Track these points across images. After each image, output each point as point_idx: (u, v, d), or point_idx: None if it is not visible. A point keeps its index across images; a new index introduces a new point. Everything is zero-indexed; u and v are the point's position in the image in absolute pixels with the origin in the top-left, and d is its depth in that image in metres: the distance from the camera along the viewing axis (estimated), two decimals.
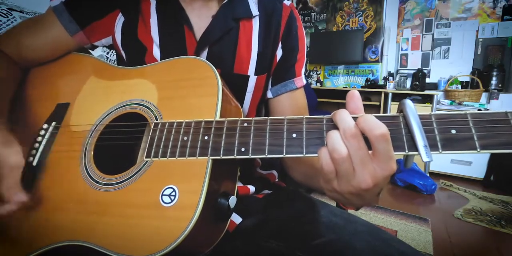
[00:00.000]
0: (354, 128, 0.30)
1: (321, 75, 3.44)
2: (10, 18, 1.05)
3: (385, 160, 0.29)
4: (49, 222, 0.44)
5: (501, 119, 0.28)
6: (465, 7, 2.70)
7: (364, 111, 0.32)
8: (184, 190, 0.38)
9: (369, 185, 0.30)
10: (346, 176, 0.31)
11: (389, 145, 0.29)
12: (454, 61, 2.79)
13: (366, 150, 0.30)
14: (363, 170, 0.30)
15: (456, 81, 2.67)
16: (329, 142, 0.31)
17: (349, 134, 0.30)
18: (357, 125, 0.30)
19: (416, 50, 2.96)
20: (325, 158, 0.31)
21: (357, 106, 0.32)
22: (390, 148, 0.29)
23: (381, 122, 0.29)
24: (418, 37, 2.95)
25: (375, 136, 0.28)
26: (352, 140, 0.30)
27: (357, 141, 0.30)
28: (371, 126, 0.29)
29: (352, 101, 0.32)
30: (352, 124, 0.30)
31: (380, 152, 0.29)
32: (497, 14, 2.57)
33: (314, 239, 0.46)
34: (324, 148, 0.31)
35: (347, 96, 0.33)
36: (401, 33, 3.03)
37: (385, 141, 0.29)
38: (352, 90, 0.33)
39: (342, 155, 0.30)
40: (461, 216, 1.79)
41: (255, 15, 0.58)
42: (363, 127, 0.29)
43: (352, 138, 0.29)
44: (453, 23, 2.77)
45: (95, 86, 0.55)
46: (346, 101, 0.33)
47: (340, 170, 0.31)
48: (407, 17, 2.98)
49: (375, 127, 0.28)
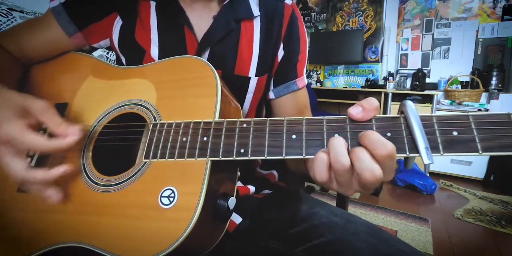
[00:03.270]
0: (391, 150, 0.28)
1: (321, 75, 3.44)
2: (10, 18, 1.05)
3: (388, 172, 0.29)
4: (48, 223, 0.44)
5: (504, 120, 0.28)
6: (465, 7, 2.70)
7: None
8: (183, 192, 0.38)
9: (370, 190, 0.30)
10: (346, 184, 0.31)
11: (394, 161, 0.29)
12: (454, 61, 2.79)
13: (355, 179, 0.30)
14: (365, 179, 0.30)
15: (456, 81, 2.67)
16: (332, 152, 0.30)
17: (383, 155, 0.28)
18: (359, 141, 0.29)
19: (416, 50, 2.96)
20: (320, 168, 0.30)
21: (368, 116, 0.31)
22: (395, 162, 0.29)
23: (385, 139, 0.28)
24: (418, 37, 2.95)
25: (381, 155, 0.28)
26: (385, 160, 0.28)
27: (347, 175, 0.29)
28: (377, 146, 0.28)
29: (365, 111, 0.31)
30: (390, 147, 0.28)
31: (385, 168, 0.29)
32: (497, 14, 2.57)
33: (314, 239, 0.46)
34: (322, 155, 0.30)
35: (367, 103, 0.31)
36: (401, 33, 3.03)
37: (391, 160, 0.28)
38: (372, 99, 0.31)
39: (345, 167, 0.29)
40: (461, 216, 1.79)
41: (256, 16, 0.58)
42: (367, 145, 0.29)
43: (385, 158, 0.28)
44: (453, 23, 2.77)
45: (93, 86, 0.54)
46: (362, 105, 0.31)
47: (340, 181, 0.31)
48: (407, 17, 2.98)
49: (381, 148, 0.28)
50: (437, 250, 1.44)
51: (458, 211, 1.87)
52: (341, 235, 0.46)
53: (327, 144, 0.32)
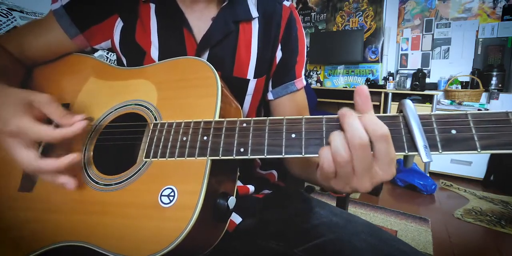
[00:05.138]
0: (365, 138, 0.29)
1: (321, 75, 3.44)
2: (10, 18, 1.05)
3: (386, 162, 0.29)
4: (49, 222, 0.44)
5: (502, 119, 0.28)
6: (465, 7, 2.70)
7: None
8: (183, 191, 0.38)
9: (367, 189, 0.31)
10: (345, 177, 0.31)
11: (390, 146, 0.29)
12: (454, 61, 2.79)
13: (371, 157, 0.30)
14: (363, 175, 0.30)
15: (456, 81, 2.67)
16: (333, 144, 0.30)
17: (357, 142, 0.29)
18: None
19: (416, 50, 2.96)
20: (327, 158, 0.31)
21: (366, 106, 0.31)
22: (391, 149, 0.29)
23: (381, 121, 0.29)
24: (418, 37, 2.95)
25: (375, 136, 0.28)
26: (360, 149, 0.29)
27: (364, 150, 0.29)
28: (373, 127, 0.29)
29: (359, 99, 0.31)
30: (363, 134, 0.29)
31: (380, 153, 0.29)
32: (497, 14, 2.57)
33: (314, 239, 0.46)
34: (326, 148, 0.31)
35: (355, 92, 0.31)
36: (401, 33, 3.03)
37: (386, 142, 0.29)
38: (361, 86, 0.31)
39: (345, 159, 0.30)
40: (461, 216, 1.79)
41: (255, 17, 0.58)
42: (364, 126, 0.29)
43: (360, 146, 0.29)
44: (453, 23, 2.77)
45: (95, 87, 0.54)
46: (354, 98, 0.31)
47: (340, 172, 0.31)
48: (407, 17, 2.98)
49: (375, 128, 0.28)
50: (437, 250, 1.44)
51: (458, 211, 1.87)
52: (341, 235, 0.46)
53: (326, 143, 0.32)
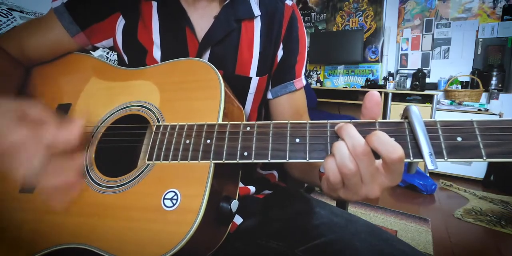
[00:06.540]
0: (365, 145, 0.29)
1: (321, 75, 3.44)
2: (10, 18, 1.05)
3: (396, 175, 0.29)
4: (50, 224, 0.44)
5: (508, 127, 0.28)
6: (465, 7, 2.70)
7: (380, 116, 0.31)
8: (186, 194, 0.38)
9: (377, 195, 0.31)
10: (354, 188, 0.31)
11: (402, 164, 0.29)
12: (454, 61, 2.79)
13: (375, 165, 0.30)
14: (372, 182, 0.30)
15: (456, 81, 2.67)
16: (338, 156, 0.30)
17: (359, 151, 0.29)
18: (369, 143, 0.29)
19: (416, 50, 2.96)
20: (332, 170, 0.31)
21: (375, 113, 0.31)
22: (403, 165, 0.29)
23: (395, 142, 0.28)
24: (418, 37, 2.94)
25: (391, 159, 0.28)
26: (363, 158, 0.29)
27: (368, 159, 0.29)
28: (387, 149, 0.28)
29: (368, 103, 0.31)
30: (362, 142, 0.29)
31: (393, 171, 0.29)
32: (497, 14, 2.57)
33: (314, 239, 0.46)
34: (331, 158, 0.31)
35: (366, 96, 0.31)
36: (401, 33, 3.03)
37: (401, 163, 0.28)
38: (374, 91, 0.31)
39: (352, 171, 0.29)
40: (461, 216, 1.79)
41: (257, 16, 0.58)
42: (376, 147, 0.29)
43: (363, 155, 0.29)
44: (453, 23, 2.77)
45: (97, 87, 0.54)
46: (364, 103, 0.31)
47: (348, 184, 0.31)
48: (407, 17, 2.98)
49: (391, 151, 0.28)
50: (437, 250, 1.44)
51: (458, 211, 1.87)
52: (342, 235, 0.46)
53: (330, 148, 0.32)
